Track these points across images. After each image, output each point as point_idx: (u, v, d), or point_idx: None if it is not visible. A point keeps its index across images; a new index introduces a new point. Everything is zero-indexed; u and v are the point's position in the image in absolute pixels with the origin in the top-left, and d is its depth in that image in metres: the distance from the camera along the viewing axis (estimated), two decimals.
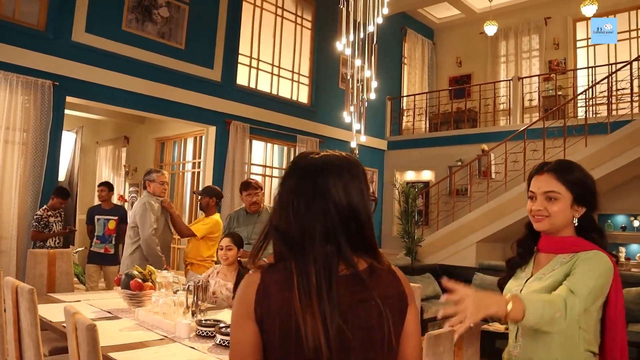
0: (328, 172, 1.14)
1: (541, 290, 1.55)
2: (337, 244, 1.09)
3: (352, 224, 1.11)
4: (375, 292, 1.10)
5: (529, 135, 7.76)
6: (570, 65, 9.80)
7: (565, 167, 1.64)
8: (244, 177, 7.34)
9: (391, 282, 1.15)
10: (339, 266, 1.08)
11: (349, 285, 1.08)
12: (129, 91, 6.13)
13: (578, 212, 1.62)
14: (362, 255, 1.13)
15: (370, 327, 1.08)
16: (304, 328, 1.01)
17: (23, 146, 5.34)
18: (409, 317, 1.15)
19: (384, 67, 9.54)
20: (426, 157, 9.67)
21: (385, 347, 1.09)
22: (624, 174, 7.26)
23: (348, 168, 1.17)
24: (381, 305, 1.09)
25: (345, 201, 1.11)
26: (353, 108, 5.64)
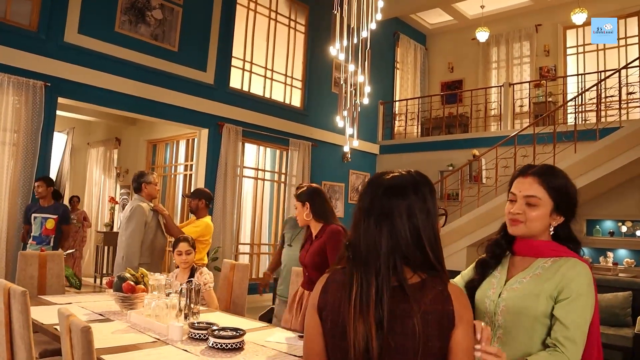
0: (393, 193, 1.26)
1: (525, 297, 1.53)
2: (397, 260, 1.21)
3: (414, 243, 1.22)
4: (417, 306, 1.17)
5: (520, 140, 7.82)
6: (560, 72, 9.91)
7: (550, 173, 1.60)
8: (237, 180, 7.34)
9: (438, 299, 1.19)
10: (397, 279, 1.20)
11: (396, 296, 1.19)
12: (121, 93, 6.12)
13: (556, 221, 1.59)
14: (422, 270, 1.23)
15: (407, 337, 1.16)
16: (353, 332, 1.18)
17: (14, 147, 5.31)
18: (456, 337, 1.18)
19: (376, 71, 9.59)
20: (418, 162, 9.71)
21: (418, 357, 1.16)
22: (612, 180, 7.34)
23: (414, 189, 1.28)
24: (418, 319, 1.16)
25: (407, 222, 1.22)
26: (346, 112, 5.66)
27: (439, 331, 1.17)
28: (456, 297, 1.21)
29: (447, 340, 1.18)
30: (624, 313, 5.61)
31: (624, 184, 7.64)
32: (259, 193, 8.26)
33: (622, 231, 7.81)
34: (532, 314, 1.51)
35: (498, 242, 1.70)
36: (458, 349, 1.18)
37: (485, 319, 1.62)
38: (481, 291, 1.66)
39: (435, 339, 1.17)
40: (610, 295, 5.76)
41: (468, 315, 1.21)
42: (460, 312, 1.19)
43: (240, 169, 7.50)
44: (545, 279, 1.53)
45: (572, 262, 1.54)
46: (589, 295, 1.50)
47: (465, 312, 1.20)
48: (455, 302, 1.19)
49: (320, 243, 3.09)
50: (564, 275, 1.51)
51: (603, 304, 5.72)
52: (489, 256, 1.71)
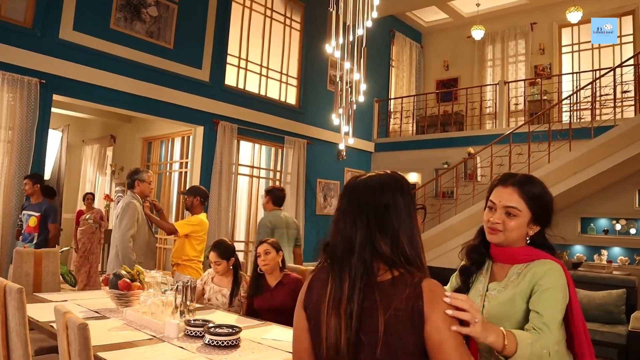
0: (369, 192, 1.28)
1: (504, 303, 1.57)
2: (371, 257, 1.23)
3: (390, 240, 1.24)
4: (386, 303, 1.19)
5: (515, 139, 7.85)
6: (556, 70, 9.95)
7: (530, 184, 1.63)
8: (232, 178, 7.33)
9: (411, 296, 1.19)
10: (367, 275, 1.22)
11: (368, 292, 1.21)
12: (116, 90, 6.10)
13: (532, 230, 1.63)
14: (399, 267, 1.23)
15: (379, 333, 1.18)
16: (326, 326, 1.22)
17: (8, 144, 5.28)
18: (427, 333, 1.17)
19: (372, 69, 9.59)
20: (413, 160, 9.74)
21: (390, 354, 1.18)
22: (607, 178, 7.38)
23: (389, 187, 1.29)
24: (386, 316, 1.18)
25: (383, 219, 1.25)
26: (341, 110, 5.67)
27: (411, 327, 1.17)
28: (428, 292, 1.19)
29: (421, 336, 1.17)
30: (618, 310, 5.65)
31: (619, 182, 7.68)
32: (254, 191, 8.25)
33: (616, 229, 7.86)
34: (514, 320, 1.55)
35: (476, 248, 1.73)
36: (439, 343, 1.16)
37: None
38: (470, 297, 1.66)
39: (408, 335, 1.17)
40: (605, 292, 5.79)
41: (440, 308, 1.19)
42: (430, 307, 1.18)
43: (235, 166, 7.49)
44: (518, 285, 1.57)
45: (542, 261, 1.58)
46: (558, 287, 1.52)
47: (435, 306, 1.18)
48: (426, 297, 1.18)
49: (287, 290, 3.18)
50: (534, 273, 1.55)
51: (597, 301, 5.75)
52: (469, 263, 1.73)
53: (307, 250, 8.50)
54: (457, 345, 1.17)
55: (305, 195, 8.46)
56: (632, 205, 7.64)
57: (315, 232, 8.81)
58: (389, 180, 1.31)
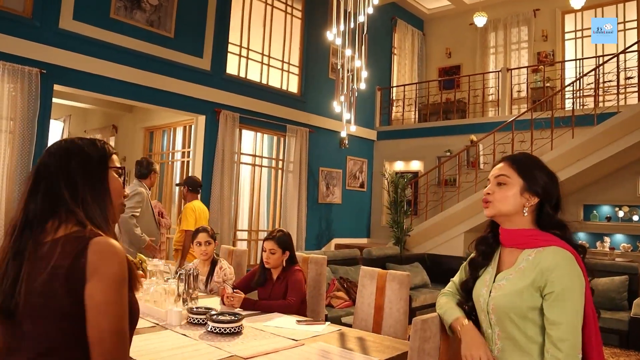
0: (43, 156, 1.32)
1: (511, 294, 1.52)
2: (33, 219, 1.24)
3: (57, 202, 1.25)
4: (48, 262, 1.16)
5: (517, 126, 7.83)
6: (559, 57, 9.88)
7: (521, 156, 1.63)
8: (234, 167, 7.33)
9: (69, 252, 1.16)
10: (37, 234, 1.22)
11: (34, 252, 1.19)
12: (117, 79, 6.08)
13: (529, 201, 1.57)
14: (73, 223, 1.23)
15: (40, 294, 1.15)
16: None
17: (10, 135, 5.28)
18: (88, 291, 1.14)
19: (373, 57, 9.54)
20: (415, 148, 9.72)
21: (49, 314, 1.15)
22: (609, 165, 7.36)
23: (61, 151, 1.31)
24: (45, 275, 1.15)
25: (53, 183, 1.26)
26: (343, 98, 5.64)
27: (67, 287, 1.14)
28: (95, 251, 1.16)
29: (79, 297, 1.14)
30: (620, 297, 5.67)
31: (622, 169, 7.66)
32: (257, 179, 8.25)
33: (619, 216, 7.85)
34: (520, 311, 1.50)
35: (484, 239, 1.71)
36: (93, 304, 1.14)
37: (482, 316, 1.62)
38: (477, 289, 1.65)
39: (64, 295, 1.14)
40: (607, 279, 5.81)
41: (108, 270, 1.16)
42: (95, 266, 1.15)
43: (237, 155, 7.49)
44: (527, 274, 1.51)
45: (551, 250, 1.51)
46: (574, 284, 1.47)
47: (104, 266, 1.16)
48: (92, 256, 1.15)
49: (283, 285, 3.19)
50: (544, 266, 1.48)
51: (600, 288, 5.76)
52: (477, 254, 1.70)
53: (309, 238, 8.54)
54: (105, 315, 1.16)
55: (307, 184, 8.46)
56: (635, 192, 7.62)
57: (317, 220, 8.83)
58: (67, 146, 1.33)
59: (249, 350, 2.21)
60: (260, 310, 3.01)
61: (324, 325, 2.75)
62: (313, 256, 3.62)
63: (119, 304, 1.16)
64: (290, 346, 2.31)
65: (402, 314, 2.97)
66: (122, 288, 1.18)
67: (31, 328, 1.17)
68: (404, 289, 2.99)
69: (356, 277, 3.88)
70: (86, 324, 1.14)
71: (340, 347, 2.35)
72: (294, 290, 3.10)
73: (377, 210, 9.98)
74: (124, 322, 1.18)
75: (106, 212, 1.29)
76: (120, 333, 1.16)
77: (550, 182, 1.59)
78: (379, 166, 9.98)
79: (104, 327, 1.14)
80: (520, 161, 1.61)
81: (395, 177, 8.45)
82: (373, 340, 2.52)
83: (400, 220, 8.16)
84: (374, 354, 2.25)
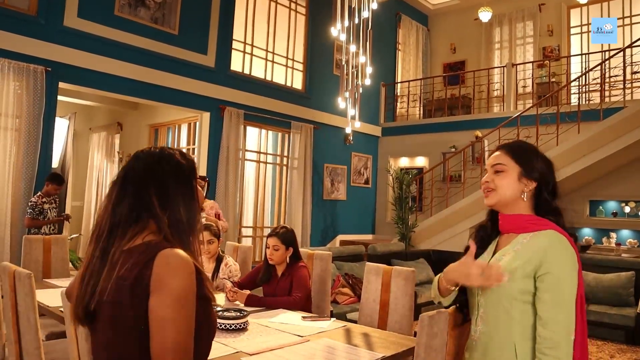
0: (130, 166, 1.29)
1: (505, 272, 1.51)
2: (117, 227, 1.21)
3: (143, 210, 1.23)
4: (117, 272, 1.15)
5: (523, 121, 7.79)
6: (564, 52, 9.83)
7: (516, 144, 1.66)
8: (239, 164, 7.34)
9: (137, 263, 1.14)
10: (120, 239, 1.20)
11: (108, 261, 1.18)
12: (121, 77, 6.09)
13: (527, 187, 1.58)
14: (152, 231, 1.22)
15: (105, 303, 1.15)
16: (76, 296, 1.21)
17: (16, 132, 5.30)
18: (152, 306, 1.11)
19: (378, 53, 9.52)
20: (420, 144, 9.70)
21: (116, 325, 1.15)
22: (616, 161, 7.32)
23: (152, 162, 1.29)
24: (113, 285, 1.14)
25: (137, 191, 1.24)
26: (348, 94, 5.64)
27: (132, 299, 1.11)
28: (161, 263, 1.12)
29: (142, 310, 1.11)
30: (626, 293, 5.64)
31: (628, 164, 7.62)
32: (261, 176, 8.26)
33: (625, 212, 7.82)
34: (509, 293, 1.51)
35: (484, 226, 1.72)
36: (154, 317, 1.10)
37: (473, 300, 1.63)
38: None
39: (129, 307, 1.12)
40: (613, 275, 5.78)
41: (173, 283, 1.11)
42: (160, 278, 1.11)
43: (242, 152, 7.49)
44: (522, 255, 1.52)
45: (547, 233, 1.53)
46: (568, 266, 1.48)
47: (169, 279, 1.11)
48: (157, 268, 1.12)
49: (288, 281, 3.19)
50: (539, 248, 1.50)
51: (605, 284, 5.74)
52: (475, 241, 1.69)
53: (314, 235, 8.54)
54: (170, 331, 1.12)
55: (312, 180, 8.46)
56: None
57: (322, 216, 8.83)
58: (157, 155, 1.33)
59: (254, 346, 2.22)
60: (265, 307, 3.01)
61: (329, 322, 2.75)
62: (318, 252, 3.62)
63: (182, 319, 1.11)
64: (295, 342, 2.31)
65: (408, 309, 2.96)
66: (188, 302, 1.13)
67: (103, 338, 1.17)
68: (410, 285, 2.99)
69: (361, 274, 3.88)
70: (150, 338, 1.11)
71: (345, 343, 2.35)
72: (299, 286, 3.10)
73: (382, 207, 9.97)
74: (187, 337, 1.12)
75: (194, 221, 1.27)
76: (182, 350, 1.10)
77: (546, 167, 1.61)
78: (383, 162, 9.96)
79: (166, 343, 1.09)
80: (516, 148, 1.63)
81: (400, 173, 8.44)
82: (378, 336, 2.52)
83: (405, 216, 8.15)
84: (379, 349, 2.25)
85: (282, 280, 3.23)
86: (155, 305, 1.10)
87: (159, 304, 1.10)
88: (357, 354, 2.18)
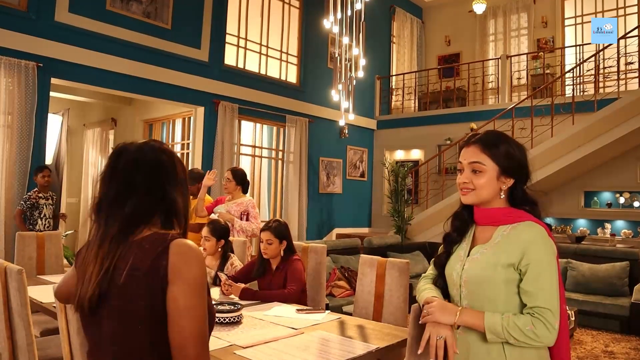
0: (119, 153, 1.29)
1: (483, 265, 1.53)
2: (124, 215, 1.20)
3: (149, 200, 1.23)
4: (125, 261, 1.15)
5: (517, 113, 7.80)
6: (559, 43, 9.82)
7: (491, 138, 1.60)
8: (234, 158, 7.32)
9: (148, 254, 1.15)
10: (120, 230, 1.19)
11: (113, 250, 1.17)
12: (114, 72, 6.05)
13: (505, 184, 1.58)
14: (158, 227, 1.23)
15: (115, 294, 1.14)
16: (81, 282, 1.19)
17: (8, 129, 5.27)
18: (170, 296, 1.12)
19: (372, 46, 9.49)
20: (415, 136, 9.70)
21: (126, 316, 1.14)
22: (610, 151, 7.34)
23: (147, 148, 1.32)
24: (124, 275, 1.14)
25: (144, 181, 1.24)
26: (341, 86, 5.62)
27: (146, 289, 1.12)
28: (177, 253, 1.15)
29: (157, 299, 1.12)
30: (621, 283, 5.67)
31: (622, 155, 7.63)
32: (257, 170, 8.24)
33: (619, 202, 7.83)
34: (493, 283, 1.51)
35: (458, 215, 1.70)
36: (176, 307, 1.11)
37: (454, 291, 1.62)
38: (450, 265, 1.66)
39: (142, 298, 1.12)
40: (608, 265, 5.80)
41: (191, 273, 1.14)
42: (177, 268, 1.13)
43: (237, 146, 7.47)
44: (503, 248, 1.52)
45: (525, 225, 1.53)
46: (548, 257, 1.49)
47: (186, 268, 1.14)
48: (174, 258, 1.14)
49: (283, 275, 3.18)
50: (519, 240, 1.51)
51: (600, 274, 5.76)
52: (452, 229, 1.71)
53: (310, 229, 8.54)
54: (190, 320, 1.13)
55: (308, 174, 8.45)
56: (636, 178, 7.59)
57: (318, 210, 8.82)
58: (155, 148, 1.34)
59: (248, 339, 2.21)
60: (259, 300, 3.01)
61: (324, 314, 2.75)
62: (312, 245, 3.62)
63: (201, 307, 1.14)
64: (289, 335, 2.31)
65: (402, 301, 2.97)
66: (203, 291, 1.16)
67: (109, 330, 1.15)
68: (404, 277, 2.99)
69: (357, 267, 3.88)
70: (168, 328, 1.12)
71: (339, 335, 2.35)
72: (294, 279, 3.10)
73: (378, 200, 9.97)
74: (204, 325, 1.15)
75: (187, 211, 1.31)
76: (202, 337, 1.13)
77: (523, 161, 1.60)
78: (379, 155, 9.95)
79: (187, 331, 1.11)
80: (492, 145, 1.58)
81: (395, 166, 8.44)
82: (373, 328, 2.52)
83: (401, 209, 8.16)
84: (374, 341, 2.25)
85: (277, 273, 3.22)
86: (175, 294, 1.11)
87: (179, 293, 1.11)
88: (352, 346, 2.18)
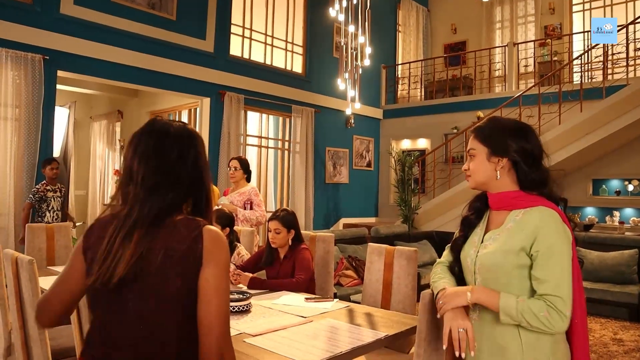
0: (163, 137, 1.30)
1: (495, 250, 1.54)
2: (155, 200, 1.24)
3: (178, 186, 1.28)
4: (161, 243, 1.21)
5: (525, 101, 7.74)
6: (566, 30, 9.72)
7: (486, 125, 1.66)
8: (240, 149, 7.33)
9: (185, 237, 1.21)
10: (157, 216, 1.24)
11: (150, 233, 1.22)
12: (120, 64, 6.06)
13: (499, 165, 1.59)
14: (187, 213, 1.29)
15: (150, 274, 1.19)
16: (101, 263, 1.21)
17: (16, 122, 5.29)
18: (203, 277, 1.20)
19: (378, 35, 9.44)
20: (422, 125, 9.66)
21: (160, 294, 1.19)
22: (618, 139, 7.28)
23: (187, 136, 1.33)
24: (160, 256, 1.19)
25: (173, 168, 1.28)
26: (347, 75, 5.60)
27: (181, 270, 1.19)
28: (210, 238, 1.22)
29: (191, 280, 1.19)
30: (629, 271, 5.65)
31: (631, 142, 7.57)
32: (263, 161, 8.25)
33: (628, 190, 7.79)
34: (506, 270, 1.52)
35: (479, 198, 1.75)
36: (208, 287, 1.19)
37: (469, 277, 1.64)
38: (465, 251, 1.68)
39: (174, 277, 1.18)
40: (617, 253, 5.78)
41: (221, 257, 1.23)
42: (210, 251, 1.21)
43: (243, 137, 7.47)
44: (515, 234, 1.53)
45: (537, 210, 1.53)
46: (561, 242, 1.48)
47: (218, 252, 1.22)
48: (207, 242, 1.21)
49: (291, 264, 3.20)
50: (530, 225, 1.51)
51: (609, 262, 5.74)
52: (470, 212, 1.74)
53: (317, 219, 8.55)
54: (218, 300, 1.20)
55: (314, 164, 8.45)
56: None
57: (325, 200, 8.83)
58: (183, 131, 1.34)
59: (257, 327, 2.22)
60: (268, 289, 3.02)
61: (332, 302, 2.76)
62: (320, 234, 3.62)
63: (227, 289, 1.22)
64: (298, 323, 2.32)
65: (411, 289, 2.97)
66: (228, 274, 1.25)
67: (137, 308, 1.19)
68: (412, 265, 2.99)
69: (365, 256, 3.89)
70: (198, 307, 1.19)
71: (348, 323, 2.36)
72: (302, 268, 3.11)
73: (385, 189, 9.96)
74: (228, 306, 1.23)
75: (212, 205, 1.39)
76: (227, 316, 1.21)
77: (521, 138, 1.59)
78: (385, 145, 9.93)
79: (215, 311, 1.19)
80: (483, 129, 1.64)
81: (402, 156, 8.42)
82: (381, 316, 2.52)
83: (408, 198, 8.15)
84: (382, 329, 2.26)
85: (285, 262, 3.23)
86: (207, 275, 1.19)
87: (210, 275, 1.19)
88: (360, 333, 2.19)
